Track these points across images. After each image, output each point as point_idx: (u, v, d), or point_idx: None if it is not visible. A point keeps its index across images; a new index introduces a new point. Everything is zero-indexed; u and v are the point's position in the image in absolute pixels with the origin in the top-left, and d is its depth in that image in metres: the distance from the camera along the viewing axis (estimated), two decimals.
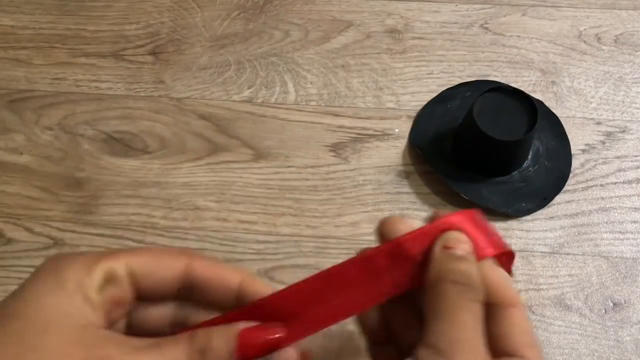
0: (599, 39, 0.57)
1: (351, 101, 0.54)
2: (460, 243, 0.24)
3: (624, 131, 0.52)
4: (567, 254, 0.46)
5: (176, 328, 0.26)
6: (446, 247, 0.24)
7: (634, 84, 0.54)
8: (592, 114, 0.53)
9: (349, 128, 0.52)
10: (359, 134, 0.52)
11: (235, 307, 0.25)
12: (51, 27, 0.59)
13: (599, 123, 0.52)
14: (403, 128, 0.52)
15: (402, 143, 0.51)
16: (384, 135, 0.52)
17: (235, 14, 0.59)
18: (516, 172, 0.49)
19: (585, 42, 0.57)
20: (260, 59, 0.56)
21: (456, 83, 0.54)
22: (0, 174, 0.51)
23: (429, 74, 0.55)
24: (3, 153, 0.52)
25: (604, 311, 0.44)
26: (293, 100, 0.54)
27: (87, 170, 0.51)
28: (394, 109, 0.53)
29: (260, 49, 0.57)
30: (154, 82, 0.55)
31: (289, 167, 0.50)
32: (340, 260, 0.25)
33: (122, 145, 0.52)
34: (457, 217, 0.25)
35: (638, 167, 0.50)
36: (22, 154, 0.52)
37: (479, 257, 0.25)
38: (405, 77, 0.55)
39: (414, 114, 0.53)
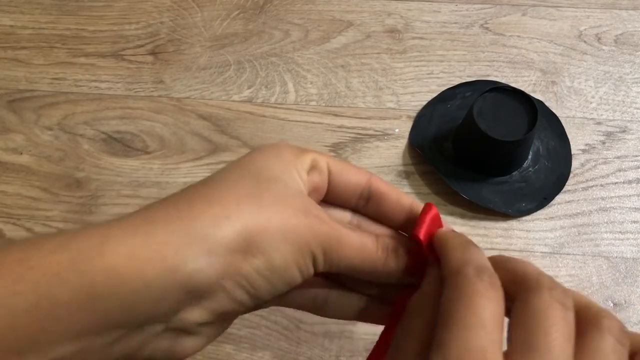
0: (599, 39, 0.57)
1: (351, 101, 0.54)
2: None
3: (624, 131, 0.52)
4: (567, 254, 0.46)
5: None
6: None
7: (634, 84, 0.54)
8: (592, 114, 0.53)
9: (349, 128, 0.52)
10: (359, 133, 0.52)
11: (403, 224, 0.28)
12: (51, 27, 0.59)
13: (599, 123, 0.52)
14: (403, 128, 0.52)
15: (402, 143, 0.51)
16: (384, 135, 0.52)
17: (235, 14, 0.59)
18: (516, 172, 0.49)
19: (585, 42, 0.57)
20: (260, 59, 0.56)
21: (456, 83, 0.54)
22: (0, 174, 0.51)
23: (429, 73, 0.55)
24: (3, 153, 0.52)
25: None
26: (293, 100, 0.54)
27: (87, 170, 0.51)
28: (394, 109, 0.53)
29: (260, 49, 0.57)
30: (154, 82, 0.55)
31: None
32: None
33: (122, 145, 0.52)
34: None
35: (638, 167, 0.50)
36: (21, 154, 0.52)
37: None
38: (406, 77, 0.55)
39: (414, 114, 0.53)
